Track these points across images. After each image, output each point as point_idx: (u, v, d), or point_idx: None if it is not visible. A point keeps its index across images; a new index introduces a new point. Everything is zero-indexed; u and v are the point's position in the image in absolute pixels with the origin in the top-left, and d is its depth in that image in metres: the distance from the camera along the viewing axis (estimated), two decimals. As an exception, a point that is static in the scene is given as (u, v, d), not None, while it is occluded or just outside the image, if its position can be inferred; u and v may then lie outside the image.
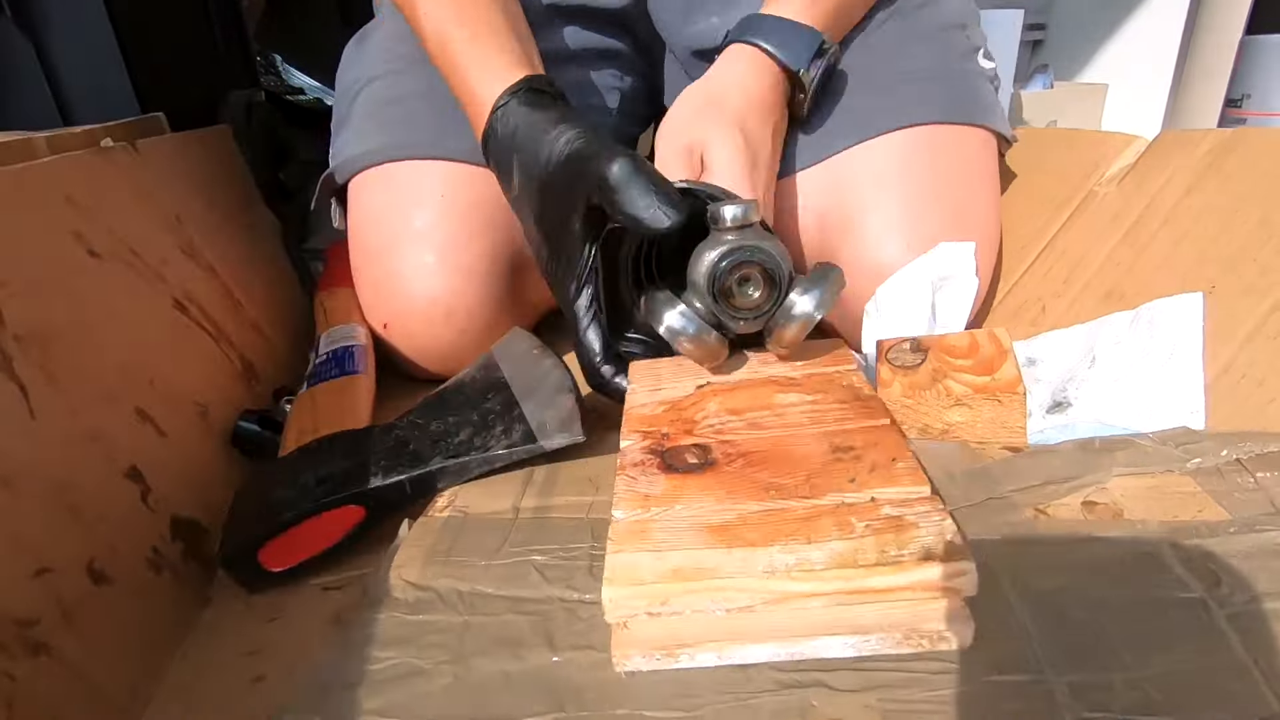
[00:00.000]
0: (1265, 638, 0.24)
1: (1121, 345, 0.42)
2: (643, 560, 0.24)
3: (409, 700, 0.25)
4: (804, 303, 0.34)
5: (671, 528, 0.26)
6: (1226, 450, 0.33)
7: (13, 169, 0.37)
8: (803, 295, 0.34)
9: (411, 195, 0.52)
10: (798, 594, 0.23)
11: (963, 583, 0.23)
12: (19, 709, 0.24)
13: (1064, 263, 0.51)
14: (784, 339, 0.35)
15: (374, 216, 0.53)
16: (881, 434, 0.30)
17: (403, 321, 0.52)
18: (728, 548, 0.24)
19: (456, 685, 0.25)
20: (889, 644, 0.24)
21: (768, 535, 0.25)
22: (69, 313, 0.35)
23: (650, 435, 0.32)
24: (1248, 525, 0.29)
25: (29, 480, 0.29)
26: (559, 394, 0.38)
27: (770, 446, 0.30)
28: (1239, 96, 0.91)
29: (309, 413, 0.44)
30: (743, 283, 0.35)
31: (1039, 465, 0.34)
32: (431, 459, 0.36)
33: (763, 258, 0.34)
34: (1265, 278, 0.39)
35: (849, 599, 0.23)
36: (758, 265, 0.34)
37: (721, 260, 0.34)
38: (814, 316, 0.34)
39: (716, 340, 0.35)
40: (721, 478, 0.28)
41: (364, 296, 0.54)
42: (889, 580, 0.23)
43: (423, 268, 0.51)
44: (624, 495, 0.28)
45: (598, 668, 0.25)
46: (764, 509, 0.26)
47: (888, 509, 0.25)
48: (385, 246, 0.52)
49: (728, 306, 0.35)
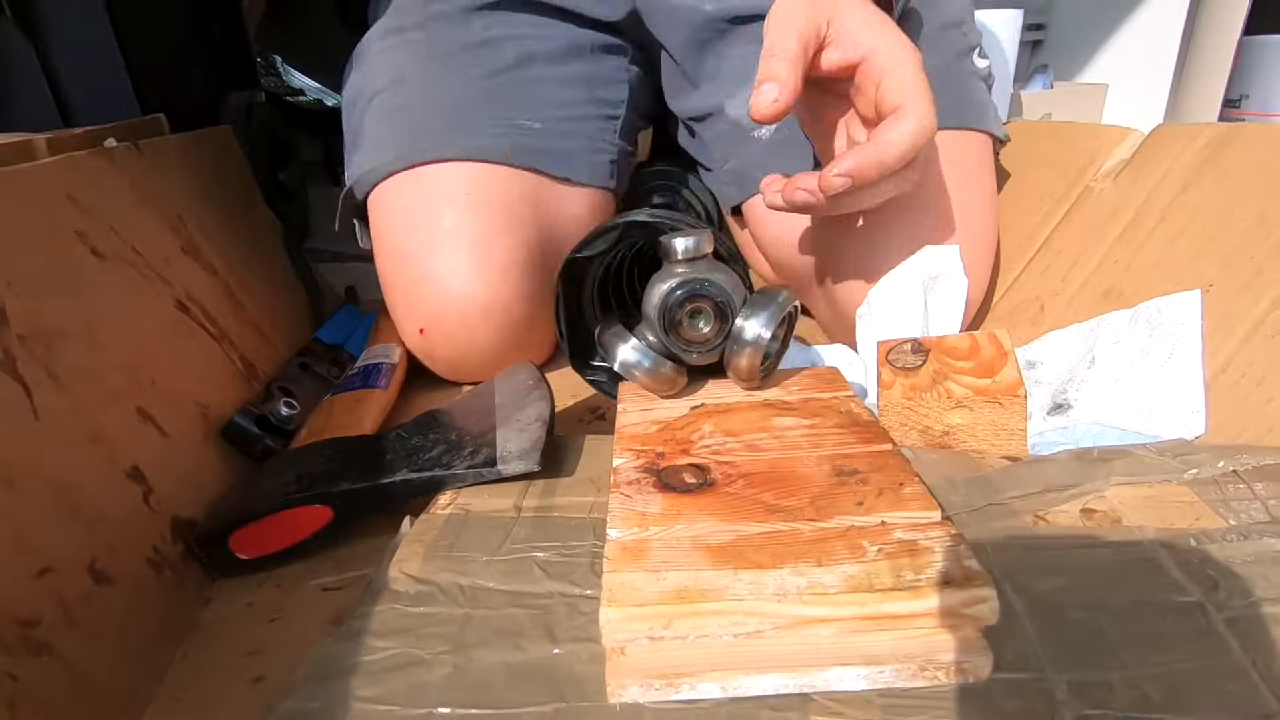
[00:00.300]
0: (1264, 640, 0.24)
1: (1121, 345, 0.42)
2: (643, 580, 0.23)
3: (408, 689, 0.25)
4: (751, 327, 0.34)
5: (672, 547, 0.24)
6: (1223, 462, 0.33)
7: (16, 169, 0.37)
8: (748, 320, 0.34)
9: (438, 196, 0.52)
10: (811, 619, 0.22)
11: (983, 610, 0.21)
12: (21, 709, 0.24)
13: (1061, 261, 0.51)
14: (740, 368, 0.35)
15: (402, 220, 0.53)
16: (885, 459, 0.29)
17: (440, 323, 0.52)
18: (734, 569, 0.23)
19: (456, 675, 0.25)
20: (904, 676, 0.23)
21: (776, 557, 0.23)
22: (72, 312, 0.35)
23: (644, 455, 0.31)
24: (1245, 533, 0.29)
25: (31, 480, 0.29)
26: (532, 424, 0.39)
27: (770, 468, 0.29)
28: (1237, 97, 0.91)
29: (324, 418, 0.47)
30: (694, 315, 0.35)
31: (1037, 474, 0.34)
32: (398, 470, 0.37)
33: (713, 290, 0.34)
34: (1263, 275, 0.39)
35: (863, 625, 0.22)
36: (709, 299, 0.34)
37: (671, 293, 0.34)
38: (763, 338, 0.34)
39: (672, 371, 0.35)
40: (722, 498, 0.27)
41: (397, 303, 0.54)
42: (906, 606, 0.22)
43: (457, 266, 0.51)
44: (619, 514, 0.27)
45: (598, 660, 0.25)
46: (769, 530, 0.25)
47: (900, 533, 0.24)
48: (417, 249, 0.52)
49: (679, 339, 0.35)
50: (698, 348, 0.36)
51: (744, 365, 0.34)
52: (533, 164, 0.54)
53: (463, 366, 0.55)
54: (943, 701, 0.23)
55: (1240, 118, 0.88)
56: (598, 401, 0.53)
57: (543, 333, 0.57)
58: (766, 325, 0.34)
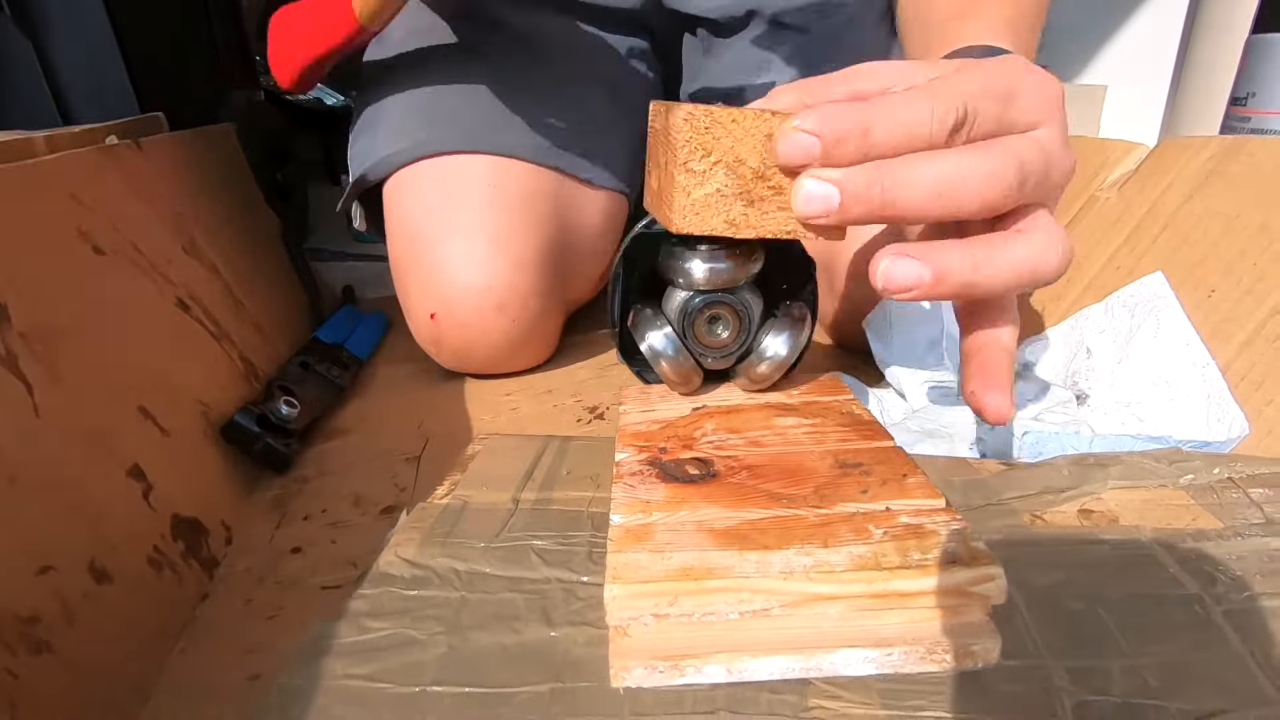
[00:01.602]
0: (1262, 631, 0.24)
1: (1106, 333, 0.43)
2: (648, 560, 0.23)
3: (402, 668, 0.25)
4: (777, 345, 0.34)
5: (676, 530, 0.25)
6: (1219, 469, 0.33)
7: (17, 165, 0.37)
8: (776, 338, 0.35)
9: (461, 186, 0.52)
10: (817, 595, 0.22)
11: (991, 589, 0.22)
12: (21, 707, 0.24)
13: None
14: (755, 375, 0.35)
15: (423, 205, 0.53)
16: (888, 453, 0.29)
17: (453, 310, 0.52)
18: (740, 550, 0.23)
19: (451, 655, 0.25)
20: (912, 659, 0.22)
21: (781, 539, 0.24)
22: (74, 310, 0.35)
23: (647, 450, 0.31)
24: (1241, 533, 0.29)
25: (32, 478, 0.29)
26: None
27: (773, 461, 0.29)
28: (1244, 95, 0.91)
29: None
30: (713, 321, 0.35)
31: (1035, 477, 0.34)
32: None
33: (732, 300, 0.35)
34: (1264, 281, 0.39)
35: (871, 604, 0.22)
36: (728, 306, 0.35)
37: (690, 300, 0.35)
38: (785, 360, 0.35)
39: (693, 367, 0.36)
40: (726, 488, 0.27)
41: (409, 286, 0.54)
42: (913, 584, 0.22)
43: (476, 256, 0.51)
44: (623, 501, 0.27)
45: (595, 643, 0.25)
46: (773, 515, 0.25)
47: (905, 518, 0.24)
48: (437, 236, 0.52)
49: (696, 342, 0.36)
50: (714, 352, 0.36)
51: (760, 375, 0.35)
52: (556, 163, 0.55)
53: (471, 357, 0.55)
54: (941, 687, 0.23)
55: (1246, 115, 0.88)
56: (596, 401, 0.53)
57: (549, 330, 0.57)
58: (793, 351, 0.34)
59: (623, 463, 0.30)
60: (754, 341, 0.35)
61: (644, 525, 0.25)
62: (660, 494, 0.27)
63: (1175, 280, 0.43)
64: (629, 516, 0.25)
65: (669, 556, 0.23)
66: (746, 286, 0.35)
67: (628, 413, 0.35)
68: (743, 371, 0.36)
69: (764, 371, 0.35)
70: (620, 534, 0.24)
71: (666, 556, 0.23)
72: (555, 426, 0.49)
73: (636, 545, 0.24)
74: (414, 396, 0.55)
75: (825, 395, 0.36)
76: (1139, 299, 0.43)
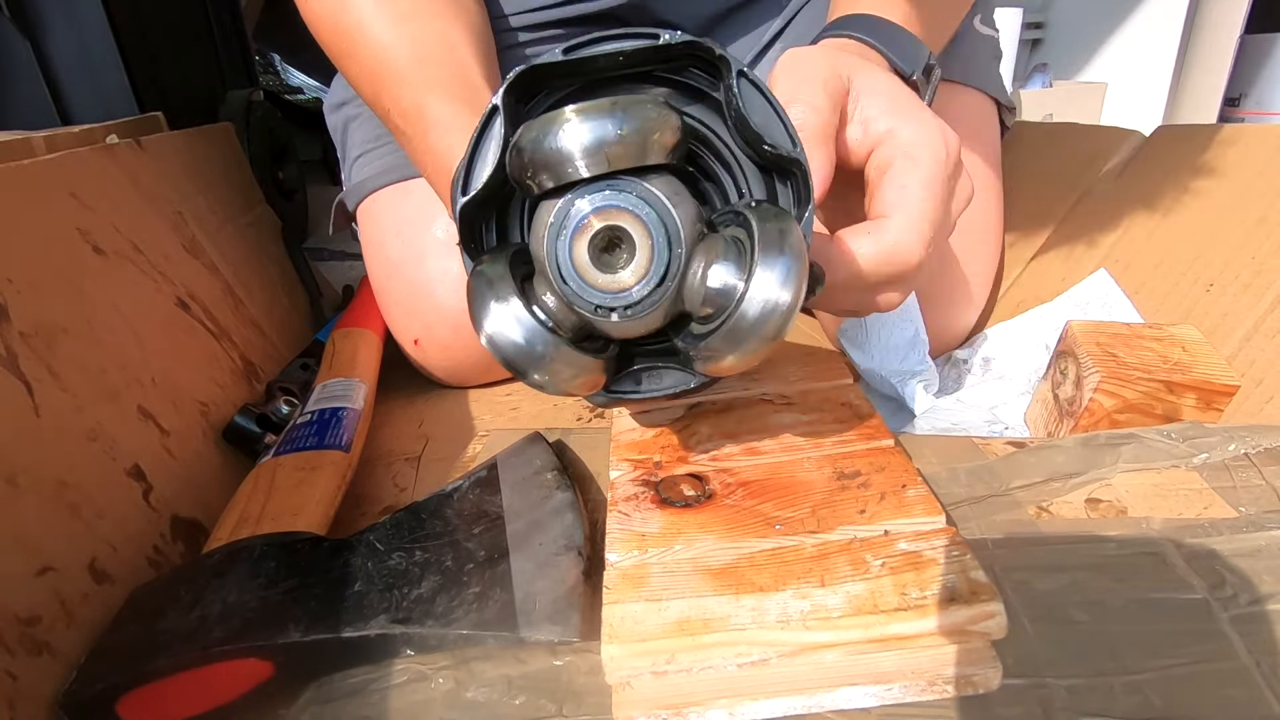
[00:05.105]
0: (1269, 640, 0.24)
1: None
2: (644, 612, 0.23)
3: (409, 707, 0.25)
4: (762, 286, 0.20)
5: (671, 572, 0.24)
6: (1234, 445, 0.32)
7: (18, 165, 0.37)
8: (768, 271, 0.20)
9: (431, 207, 0.52)
10: (815, 645, 0.22)
11: (990, 626, 0.21)
12: (21, 707, 0.24)
13: (1063, 260, 0.51)
14: (711, 366, 0.23)
15: (394, 231, 0.53)
16: (887, 457, 0.29)
17: (435, 333, 0.52)
18: (735, 594, 0.23)
19: (458, 690, 0.26)
20: (913, 692, 0.23)
21: (777, 578, 0.23)
22: (74, 309, 0.35)
23: (641, 465, 0.30)
24: (1255, 523, 0.29)
25: (32, 478, 0.29)
26: (561, 555, 0.28)
27: (770, 474, 0.29)
28: (1236, 95, 0.91)
29: (263, 491, 0.35)
30: (610, 248, 0.21)
31: (1042, 461, 0.34)
32: (373, 615, 0.26)
33: (633, 204, 0.21)
34: (1263, 275, 0.39)
35: (869, 648, 0.22)
36: (629, 214, 0.21)
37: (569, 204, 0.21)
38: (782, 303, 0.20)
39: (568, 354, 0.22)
40: (721, 512, 0.27)
41: (392, 312, 0.54)
42: (912, 626, 0.21)
43: (451, 275, 0.50)
44: (618, 535, 0.26)
45: (599, 672, 0.25)
46: (770, 548, 0.25)
47: (903, 544, 0.24)
48: (411, 258, 0.52)
49: (583, 288, 0.21)
50: (615, 302, 0.22)
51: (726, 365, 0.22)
52: None
53: (458, 374, 0.55)
54: (942, 711, 0.23)
55: (1240, 116, 0.88)
56: (598, 400, 0.53)
57: None
58: (786, 282, 0.20)
59: (617, 483, 0.30)
60: (684, 282, 0.22)
61: (640, 566, 0.25)
62: (656, 524, 0.27)
63: (1174, 276, 0.43)
64: (625, 555, 0.25)
65: (665, 606, 0.23)
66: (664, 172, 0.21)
67: (621, 415, 0.35)
68: (712, 355, 0.22)
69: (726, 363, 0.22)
70: (617, 580, 0.24)
71: (663, 606, 0.23)
72: (555, 425, 0.49)
73: (633, 594, 0.24)
74: (414, 396, 0.55)
75: (824, 381, 0.35)
76: (1090, 296, 0.44)
